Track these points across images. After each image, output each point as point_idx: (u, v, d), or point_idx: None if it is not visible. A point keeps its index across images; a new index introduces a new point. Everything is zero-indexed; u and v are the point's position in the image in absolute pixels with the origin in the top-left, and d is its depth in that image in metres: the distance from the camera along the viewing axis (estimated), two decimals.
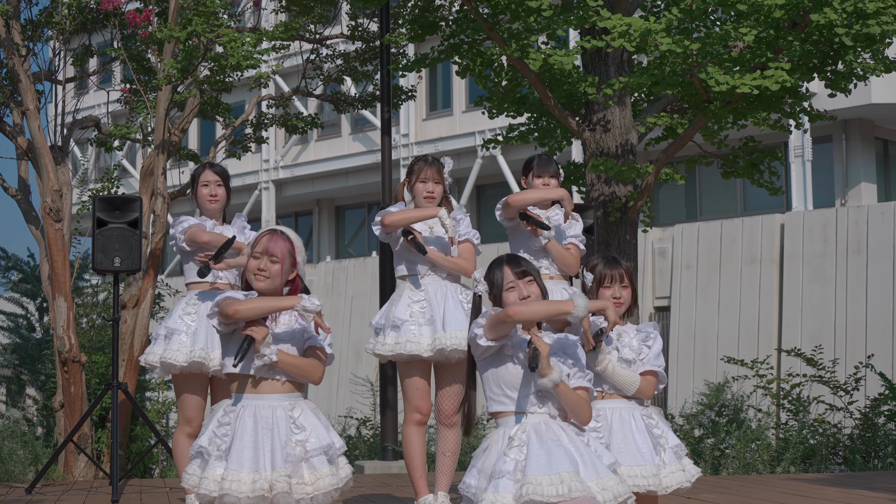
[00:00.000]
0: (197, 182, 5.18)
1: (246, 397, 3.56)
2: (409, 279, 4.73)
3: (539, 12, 7.94)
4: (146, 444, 8.75)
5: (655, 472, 3.76)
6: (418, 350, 4.58)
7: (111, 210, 6.57)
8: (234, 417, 3.53)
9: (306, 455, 3.51)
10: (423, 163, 4.75)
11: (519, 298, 3.52)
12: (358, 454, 10.11)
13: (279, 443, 3.48)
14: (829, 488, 6.35)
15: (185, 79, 8.76)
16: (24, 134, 8.90)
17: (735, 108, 8.23)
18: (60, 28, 9.20)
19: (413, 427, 4.64)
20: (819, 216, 17.18)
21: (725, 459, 8.24)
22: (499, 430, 3.48)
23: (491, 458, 3.42)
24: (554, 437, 3.41)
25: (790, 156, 20.21)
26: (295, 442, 3.50)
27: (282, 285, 3.61)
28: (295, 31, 9.98)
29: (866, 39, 7.78)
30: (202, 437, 3.57)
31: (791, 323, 16.91)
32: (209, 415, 3.67)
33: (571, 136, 9.46)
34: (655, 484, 3.73)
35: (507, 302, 3.52)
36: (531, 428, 3.42)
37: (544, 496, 3.25)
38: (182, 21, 8.49)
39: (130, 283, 8.66)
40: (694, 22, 7.83)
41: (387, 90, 9.97)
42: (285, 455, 3.47)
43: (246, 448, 3.47)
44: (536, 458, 3.35)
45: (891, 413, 8.82)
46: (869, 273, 16.44)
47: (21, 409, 11.65)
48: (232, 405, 3.56)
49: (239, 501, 3.43)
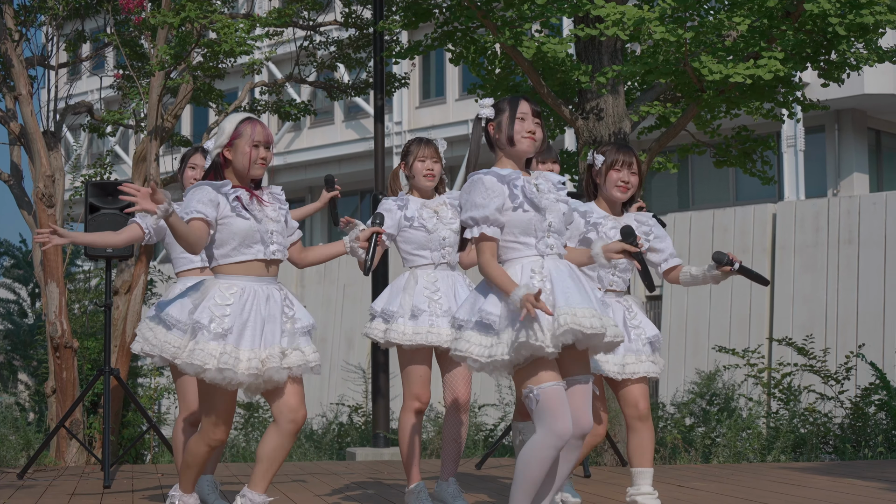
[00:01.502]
0: (185, 164, 5.16)
1: (242, 279, 3.84)
2: (421, 269, 4.64)
3: (533, 0, 7.93)
4: (138, 430, 8.76)
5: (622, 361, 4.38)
6: (439, 341, 4.51)
7: (104, 196, 6.57)
8: (238, 298, 3.78)
9: (295, 331, 3.85)
10: (418, 143, 4.71)
11: (525, 132, 3.65)
12: (350, 441, 10.12)
13: (278, 321, 3.82)
14: (819, 477, 6.38)
15: (179, 65, 8.72)
16: (17, 119, 8.88)
17: (728, 97, 8.23)
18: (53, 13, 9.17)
19: (411, 414, 4.62)
20: (811, 206, 17.21)
21: (716, 448, 8.26)
22: (514, 264, 3.57)
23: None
24: (574, 276, 3.56)
25: (783, 145, 20.23)
26: (287, 318, 3.85)
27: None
28: (288, 18, 9.95)
29: (860, 29, 7.78)
30: (199, 313, 3.77)
31: (782, 312, 16.95)
32: (195, 292, 3.88)
33: (564, 124, 9.45)
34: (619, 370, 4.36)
35: (514, 134, 3.64)
36: (550, 264, 3.56)
37: (582, 326, 3.41)
38: (175, 7, 8.45)
39: (123, 269, 8.65)
40: (688, 11, 7.82)
41: (380, 77, 9.95)
42: (282, 331, 3.82)
43: (247, 328, 3.77)
44: (565, 290, 3.49)
45: (881, 403, 8.85)
46: (860, 263, 16.47)
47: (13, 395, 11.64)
48: (227, 287, 3.80)
49: (236, 377, 3.72)
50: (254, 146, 3.91)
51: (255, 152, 3.89)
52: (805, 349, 9.47)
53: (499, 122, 3.67)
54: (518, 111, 3.66)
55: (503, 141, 3.68)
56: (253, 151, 3.88)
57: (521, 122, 3.65)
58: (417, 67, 24.27)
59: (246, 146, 3.90)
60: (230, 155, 3.92)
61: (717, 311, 17.23)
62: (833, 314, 16.51)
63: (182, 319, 3.84)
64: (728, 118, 9.07)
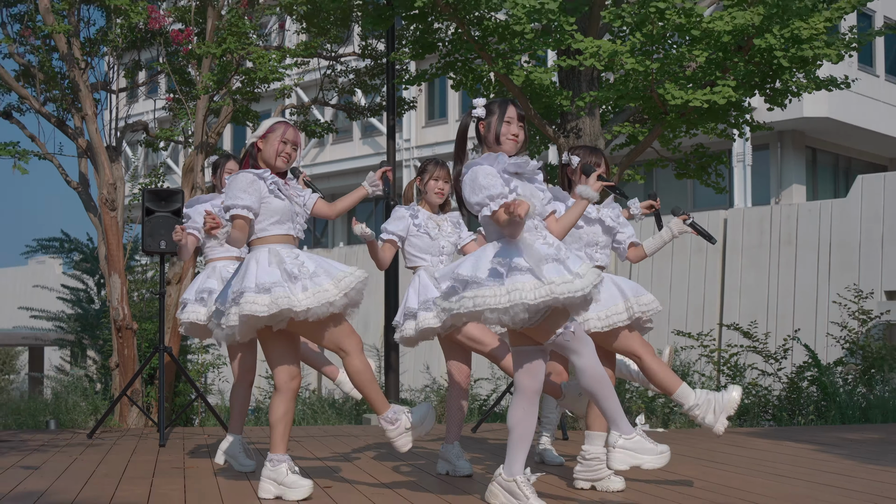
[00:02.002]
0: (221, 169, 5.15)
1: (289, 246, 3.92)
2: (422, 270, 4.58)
3: (522, 35, 7.94)
4: (188, 399, 8.77)
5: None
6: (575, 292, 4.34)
7: (157, 201, 6.58)
8: (299, 255, 3.87)
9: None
10: (434, 164, 4.68)
11: (510, 134, 3.55)
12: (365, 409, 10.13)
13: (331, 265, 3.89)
14: (760, 440, 6.40)
15: (220, 90, 8.74)
16: (84, 136, 8.88)
17: (688, 119, 8.24)
18: (114, 45, 9.17)
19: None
20: (756, 212, 17.21)
21: (674, 416, 8.28)
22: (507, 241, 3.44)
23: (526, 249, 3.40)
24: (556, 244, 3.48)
25: (733, 160, 20.22)
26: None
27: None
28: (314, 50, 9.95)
29: (800, 62, 7.79)
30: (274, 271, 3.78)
31: (731, 302, 16.97)
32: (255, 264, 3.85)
33: (549, 141, 9.46)
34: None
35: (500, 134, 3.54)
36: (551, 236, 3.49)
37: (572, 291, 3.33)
38: (218, 40, 8.47)
39: (174, 262, 8.66)
40: (654, 45, 7.83)
41: (392, 101, 9.96)
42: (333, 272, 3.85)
43: (321, 269, 3.82)
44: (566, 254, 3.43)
45: (812, 378, 8.87)
46: (797, 261, 16.48)
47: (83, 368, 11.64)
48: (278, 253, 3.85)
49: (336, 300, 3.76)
50: (282, 142, 3.94)
51: (282, 147, 3.91)
52: (749, 333, 9.49)
53: (489, 122, 3.57)
54: (506, 115, 3.56)
55: (490, 139, 3.58)
56: (280, 146, 3.91)
57: (508, 125, 3.55)
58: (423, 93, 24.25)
59: (276, 141, 3.94)
60: (262, 146, 3.95)
61: (676, 302, 17.25)
62: (773, 304, 16.53)
63: (274, 279, 3.76)
64: (687, 137, 9.08)
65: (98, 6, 9.33)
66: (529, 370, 3.47)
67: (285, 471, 3.86)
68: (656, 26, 7.60)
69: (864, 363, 9.15)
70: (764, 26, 7.53)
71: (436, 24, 8.95)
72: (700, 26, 7.52)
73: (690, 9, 7.53)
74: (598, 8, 8.29)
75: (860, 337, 9.73)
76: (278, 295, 3.72)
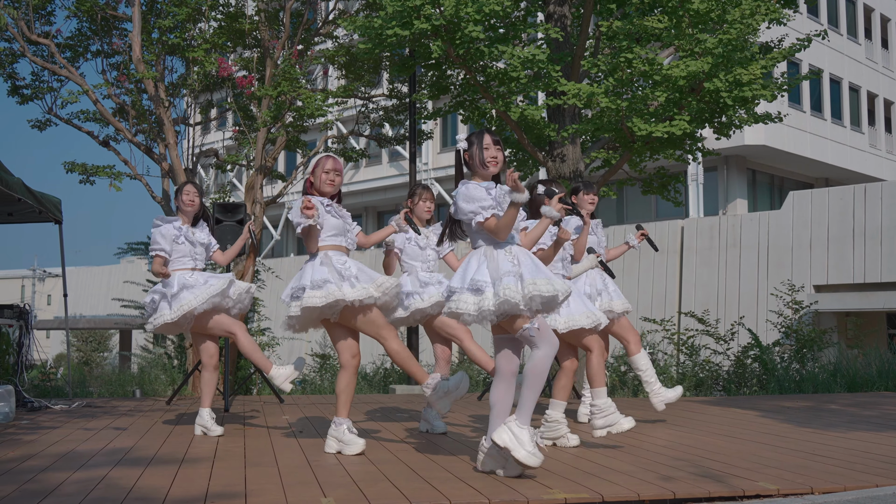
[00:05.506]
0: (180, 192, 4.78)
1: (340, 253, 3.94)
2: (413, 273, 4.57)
3: (518, 80, 7.93)
4: (247, 373, 8.77)
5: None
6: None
7: (225, 213, 6.57)
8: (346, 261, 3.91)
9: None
10: (423, 188, 4.65)
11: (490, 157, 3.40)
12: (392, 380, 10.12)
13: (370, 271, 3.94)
14: (713, 407, 6.33)
15: (276, 123, 8.74)
16: (167, 160, 8.90)
17: (651, 146, 8.20)
18: (191, 88, 9.19)
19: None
20: (707, 222, 17.11)
21: (641, 388, 8.22)
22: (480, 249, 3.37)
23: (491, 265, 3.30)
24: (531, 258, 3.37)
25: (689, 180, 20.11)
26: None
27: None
28: (351, 92, 9.95)
29: (742, 100, 7.75)
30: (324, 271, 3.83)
31: (687, 294, 16.86)
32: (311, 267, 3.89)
33: (538, 164, 9.43)
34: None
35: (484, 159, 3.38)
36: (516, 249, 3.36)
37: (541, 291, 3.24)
38: (274, 84, 8.47)
39: (238, 262, 8.66)
40: (623, 87, 7.80)
41: (413, 132, 9.94)
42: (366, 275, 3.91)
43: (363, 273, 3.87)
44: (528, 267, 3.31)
45: (755, 357, 8.79)
46: (742, 261, 16.38)
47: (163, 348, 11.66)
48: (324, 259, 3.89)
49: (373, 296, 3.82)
50: (325, 172, 4.03)
51: (325, 176, 4.01)
52: (703, 319, 9.42)
53: (471, 152, 3.45)
54: (483, 143, 3.43)
55: (476, 164, 3.44)
56: (324, 175, 4.01)
57: (486, 150, 3.42)
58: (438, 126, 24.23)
59: (320, 172, 4.05)
60: (313, 179, 4.06)
61: (643, 294, 17.16)
62: (723, 296, 16.41)
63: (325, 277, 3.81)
64: (651, 161, 9.03)
65: (179, 57, 9.36)
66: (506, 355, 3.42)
67: (345, 430, 3.87)
68: (625, 73, 7.58)
69: (797, 344, 9.07)
70: (712, 72, 7.50)
71: (448, 71, 8.94)
72: (660, 73, 7.50)
73: (653, 59, 7.53)
74: (578, 58, 8.27)
75: (793, 323, 9.64)
76: (330, 290, 3.81)
